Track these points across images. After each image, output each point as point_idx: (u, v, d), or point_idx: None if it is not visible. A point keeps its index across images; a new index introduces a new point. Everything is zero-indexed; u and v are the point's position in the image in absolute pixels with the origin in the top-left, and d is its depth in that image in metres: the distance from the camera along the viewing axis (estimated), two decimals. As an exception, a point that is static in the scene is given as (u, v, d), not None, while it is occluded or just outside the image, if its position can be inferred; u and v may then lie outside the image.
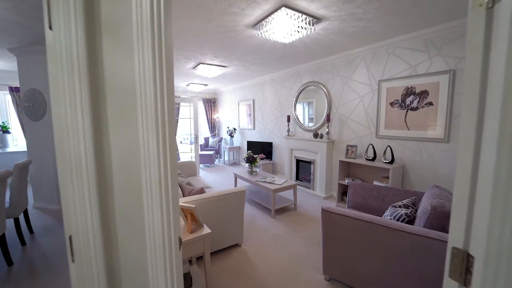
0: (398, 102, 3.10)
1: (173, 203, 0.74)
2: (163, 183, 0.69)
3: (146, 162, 0.68)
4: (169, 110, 0.72)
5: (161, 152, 0.69)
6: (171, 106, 0.73)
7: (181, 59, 4.04)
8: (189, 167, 3.98)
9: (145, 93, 0.66)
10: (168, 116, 0.71)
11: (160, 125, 0.69)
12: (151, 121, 0.67)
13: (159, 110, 0.68)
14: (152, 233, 0.70)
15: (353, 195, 2.52)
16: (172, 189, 0.73)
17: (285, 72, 4.97)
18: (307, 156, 4.40)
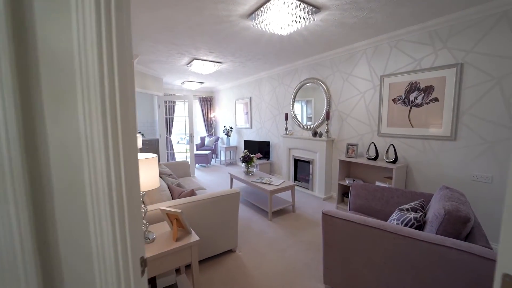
0: (402, 99, 2.94)
1: (131, 213, 0.57)
2: (114, 188, 0.52)
3: (90, 162, 0.50)
4: (124, 93, 0.55)
5: (111, 149, 0.51)
6: (127, 88, 0.56)
7: (174, 54, 3.86)
8: (182, 167, 3.81)
9: (87, 68, 0.49)
10: (122, 101, 0.54)
11: (110, 113, 0.52)
12: (95, 107, 0.50)
13: (106, 92, 0.51)
14: (101, 254, 0.52)
15: (355, 196, 2.36)
16: (130, 196, 0.56)
17: (282, 69, 4.81)
18: (305, 156, 4.24)
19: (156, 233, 1.63)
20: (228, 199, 2.18)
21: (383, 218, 2.17)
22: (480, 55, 2.32)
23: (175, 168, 3.72)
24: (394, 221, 1.66)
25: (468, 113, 2.43)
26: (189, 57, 4.06)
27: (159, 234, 1.61)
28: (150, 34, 3.00)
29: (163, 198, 2.01)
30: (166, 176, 2.65)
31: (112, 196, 0.52)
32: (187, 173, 3.83)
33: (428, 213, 1.63)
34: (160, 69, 4.98)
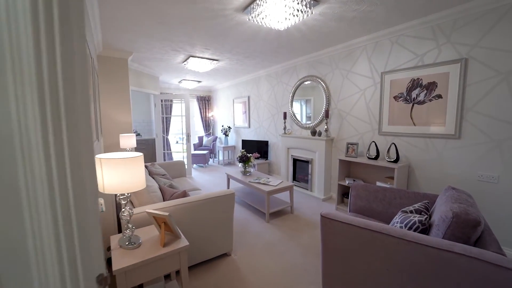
0: (403, 96, 2.84)
1: (82, 223, 0.46)
2: (57, 187, 0.42)
3: (26, 155, 0.40)
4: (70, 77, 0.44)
5: (52, 142, 0.41)
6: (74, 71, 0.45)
7: (169, 51, 3.76)
8: (177, 167, 3.70)
9: (18, 46, 0.38)
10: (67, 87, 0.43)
11: (50, 102, 0.41)
12: (30, 93, 0.39)
13: (45, 76, 0.40)
14: (43, 276, 0.42)
15: (355, 197, 2.26)
16: (80, 202, 0.46)
17: (281, 67, 4.70)
18: (304, 155, 4.14)
19: (143, 237, 1.52)
20: (222, 200, 2.08)
21: (385, 220, 2.07)
22: (485, 50, 2.22)
23: (169, 168, 3.62)
24: (397, 224, 1.56)
25: (473, 110, 2.33)
26: (184, 54, 3.96)
27: (147, 238, 1.51)
28: (144, 30, 2.89)
29: (154, 199, 1.91)
30: (158, 177, 2.55)
31: (55, 204, 0.42)
32: (182, 173, 3.73)
33: (434, 215, 1.53)
34: (156, 67, 4.87)
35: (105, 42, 3.35)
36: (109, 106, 3.76)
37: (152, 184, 1.99)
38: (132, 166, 1.34)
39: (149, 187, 1.91)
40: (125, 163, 1.31)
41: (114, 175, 1.29)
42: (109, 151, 3.78)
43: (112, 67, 3.72)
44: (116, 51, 3.68)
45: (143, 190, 1.87)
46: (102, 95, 3.68)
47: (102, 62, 3.64)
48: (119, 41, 3.27)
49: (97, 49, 3.45)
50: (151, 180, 2.28)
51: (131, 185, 1.35)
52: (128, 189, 1.34)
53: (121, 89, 3.84)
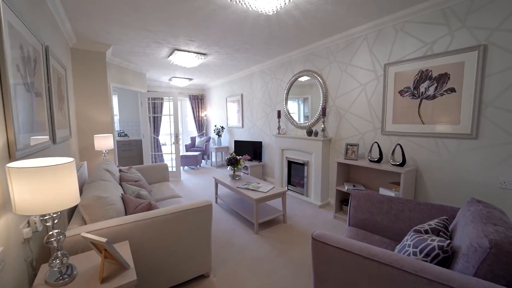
0: (410, 90, 2.50)
1: None
2: None
3: None
4: None
5: None
6: None
7: (151, 43, 3.42)
8: (159, 171, 3.35)
9: None
10: None
11: None
12: None
13: None
14: None
15: (356, 208, 1.91)
16: None
17: (274, 62, 4.36)
18: (300, 157, 3.80)
19: (83, 266, 1.18)
20: (196, 213, 1.74)
21: (392, 237, 1.73)
22: (509, 34, 1.88)
23: (150, 173, 3.28)
24: (409, 249, 1.21)
25: (493, 106, 1.99)
26: (168, 48, 3.62)
27: (87, 268, 1.17)
28: (116, 17, 2.55)
29: (111, 213, 1.56)
30: (128, 184, 2.21)
31: None
32: (165, 178, 3.38)
33: (456, 238, 1.18)
34: (140, 63, 4.53)
35: (78, 33, 3.01)
36: (85, 104, 3.42)
37: (110, 195, 1.65)
38: (57, 176, 1.00)
39: (105, 199, 1.57)
40: (45, 174, 0.96)
41: (29, 190, 0.95)
42: (86, 153, 3.44)
43: (87, 61, 3.38)
44: (92, 43, 3.34)
45: (95, 203, 1.52)
46: (76, 91, 3.34)
47: (77, 56, 3.31)
48: (93, 31, 2.93)
49: (70, 41, 3.11)
50: (116, 188, 1.93)
51: (56, 202, 1.01)
52: (50, 207, 0.99)
53: (99, 86, 3.50)
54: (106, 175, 2.11)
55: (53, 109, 2.02)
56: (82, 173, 2.65)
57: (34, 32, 1.61)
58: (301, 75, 3.81)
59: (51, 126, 1.98)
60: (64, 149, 2.41)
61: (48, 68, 1.96)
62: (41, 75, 1.76)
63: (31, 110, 1.49)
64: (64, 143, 2.42)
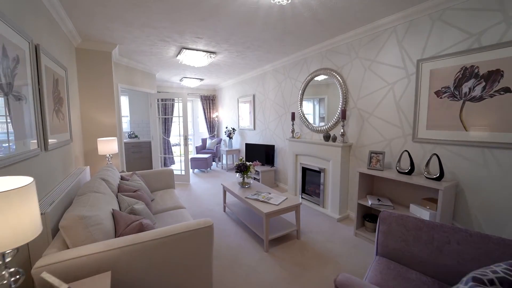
0: (449, 90, 2.11)
1: None
2: None
3: None
4: None
5: None
6: None
7: (157, 42, 3.23)
8: (164, 177, 3.16)
9: None
10: None
11: None
12: None
13: None
14: None
15: (386, 235, 1.58)
16: None
17: (288, 60, 4.05)
18: (315, 164, 3.47)
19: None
20: (195, 236, 1.49)
21: (434, 274, 1.38)
22: None
23: (154, 179, 3.09)
24: (472, 311, 0.88)
25: None
26: (175, 46, 3.43)
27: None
28: (117, 13, 2.37)
29: (96, 236, 1.35)
30: (124, 196, 2.00)
31: None
32: (169, 184, 3.18)
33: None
34: (149, 63, 4.39)
35: (81, 32, 2.88)
36: (91, 106, 3.30)
37: (96, 212, 1.44)
38: (7, 204, 0.78)
39: (88, 218, 1.36)
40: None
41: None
42: (91, 157, 3.32)
43: (93, 61, 3.26)
44: (97, 43, 3.20)
45: (77, 224, 1.31)
46: (82, 93, 3.22)
47: (82, 56, 3.19)
48: (95, 30, 2.78)
49: (74, 41, 2.99)
50: (108, 202, 1.73)
51: (4, 239, 0.79)
52: None
53: (105, 87, 3.37)
54: (101, 185, 1.92)
55: (45, 113, 1.85)
56: (82, 179, 2.50)
57: (16, 28, 1.42)
58: (318, 74, 3.47)
59: (42, 132, 1.81)
60: (61, 155, 2.26)
61: (39, 69, 1.79)
62: (26, 76, 1.58)
63: (4, 115, 1.30)
64: (61, 149, 2.26)
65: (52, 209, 1.57)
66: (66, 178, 2.32)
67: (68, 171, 2.50)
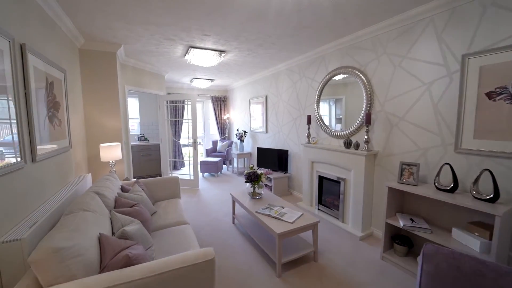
0: (507, 91, 1.71)
1: None
2: None
3: None
4: None
5: None
6: None
7: (162, 41, 3.02)
8: (168, 185, 2.94)
9: None
10: None
11: None
12: None
13: None
14: None
15: (432, 277, 1.23)
16: None
17: (304, 58, 3.72)
18: (334, 173, 3.12)
19: None
20: (192, 273, 1.22)
21: None
22: None
23: (159, 187, 2.88)
24: None
25: None
26: (182, 45, 3.20)
27: None
28: (116, 10, 2.17)
29: (73, 270, 1.12)
30: (118, 213, 1.78)
31: None
32: (175, 193, 2.96)
33: None
34: (157, 63, 4.22)
35: (83, 32, 2.72)
36: (95, 109, 3.15)
37: (78, 241, 1.21)
38: None
39: (66, 250, 1.13)
40: None
41: None
42: (95, 163, 3.17)
43: (97, 62, 3.11)
44: (100, 43, 3.05)
45: (50, 258, 1.08)
46: (85, 96, 3.08)
47: (86, 57, 3.04)
48: (96, 28, 2.61)
49: (76, 41, 2.84)
50: (97, 223, 1.51)
51: None
52: None
53: (109, 89, 3.21)
54: (93, 201, 1.71)
55: (32, 120, 1.67)
56: (80, 190, 2.32)
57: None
58: (338, 73, 3.12)
59: (28, 141, 1.62)
60: (56, 164, 2.08)
61: (26, 70, 1.60)
62: (5, 78, 1.38)
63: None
64: (56, 158, 2.09)
65: (33, 232, 1.37)
66: (62, 188, 2.15)
67: (66, 180, 2.33)
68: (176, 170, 6.25)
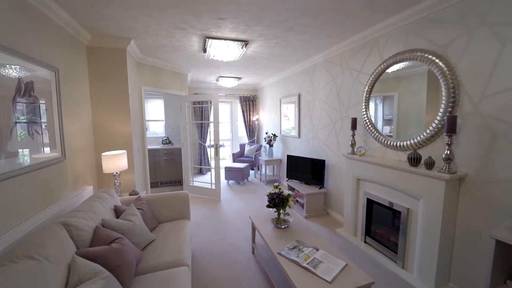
0: None
1: None
2: None
3: None
4: None
5: None
6: None
7: (173, 31, 2.55)
8: (176, 204, 2.42)
9: None
10: None
11: None
12: None
13: None
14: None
15: None
16: None
17: (349, 44, 2.91)
18: (392, 198, 2.28)
19: None
20: None
21: None
22: None
23: (164, 205, 2.40)
24: None
25: None
26: (197, 35, 2.70)
27: None
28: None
29: None
30: (80, 259, 1.30)
31: None
32: (183, 214, 2.44)
33: None
34: (177, 61, 3.83)
35: (88, 27, 2.39)
36: (103, 113, 2.84)
37: None
38: None
39: None
40: None
41: None
42: (101, 172, 2.84)
43: (105, 60, 2.78)
44: (108, 38, 2.71)
45: None
46: (93, 98, 2.78)
47: (94, 55, 2.74)
48: (94, 19, 2.23)
49: (80, 37, 2.52)
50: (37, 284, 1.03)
51: None
52: None
53: (119, 90, 2.87)
54: (51, 241, 1.26)
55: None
56: (63, 211, 1.93)
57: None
58: (398, 61, 2.26)
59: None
60: (34, 182, 1.71)
61: None
62: None
63: None
64: (35, 173, 1.72)
65: None
66: (46, 208, 1.79)
67: (57, 196, 1.99)
68: (200, 176, 5.87)
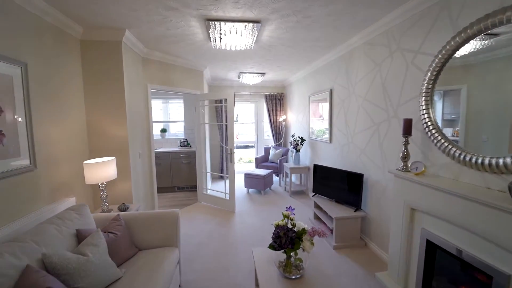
0: None
1: None
2: None
3: None
4: None
5: None
6: None
7: (164, 13, 2.07)
8: (161, 226, 1.91)
9: None
10: None
11: None
12: None
13: None
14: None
15: None
16: None
17: (402, 15, 2.07)
18: (475, 250, 1.41)
19: None
20: None
21: None
22: None
23: (146, 227, 1.92)
24: None
25: None
26: (193, 16, 2.18)
27: None
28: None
29: None
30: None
31: None
32: (169, 240, 1.91)
33: None
34: (187, 56, 3.41)
35: (75, 17, 2.07)
36: (98, 114, 2.53)
37: None
38: None
39: None
40: None
41: None
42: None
43: (97, 55, 2.46)
44: (100, 30, 2.38)
45: None
46: (88, 97, 2.49)
47: (87, 50, 2.44)
48: (83, 8, 1.87)
49: (69, 29, 2.22)
50: None
51: None
52: None
53: (112, 89, 2.53)
54: None
55: None
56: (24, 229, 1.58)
57: None
58: (488, 29, 1.38)
59: None
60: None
61: None
62: None
63: None
64: None
65: None
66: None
67: (20, 212, 1.66)
68: (219, 182, 5.41)
